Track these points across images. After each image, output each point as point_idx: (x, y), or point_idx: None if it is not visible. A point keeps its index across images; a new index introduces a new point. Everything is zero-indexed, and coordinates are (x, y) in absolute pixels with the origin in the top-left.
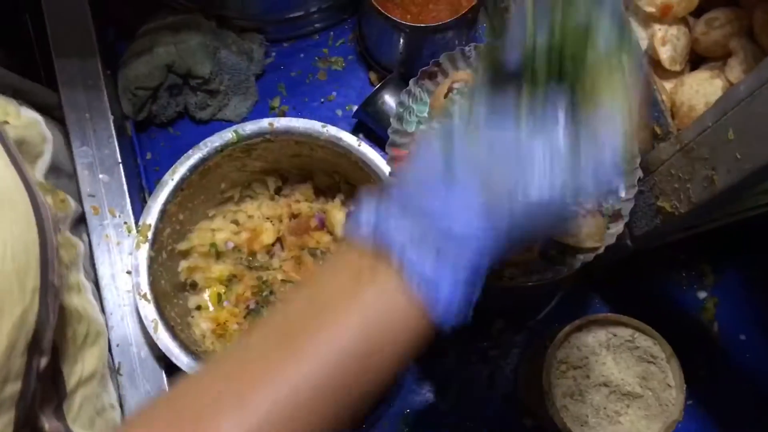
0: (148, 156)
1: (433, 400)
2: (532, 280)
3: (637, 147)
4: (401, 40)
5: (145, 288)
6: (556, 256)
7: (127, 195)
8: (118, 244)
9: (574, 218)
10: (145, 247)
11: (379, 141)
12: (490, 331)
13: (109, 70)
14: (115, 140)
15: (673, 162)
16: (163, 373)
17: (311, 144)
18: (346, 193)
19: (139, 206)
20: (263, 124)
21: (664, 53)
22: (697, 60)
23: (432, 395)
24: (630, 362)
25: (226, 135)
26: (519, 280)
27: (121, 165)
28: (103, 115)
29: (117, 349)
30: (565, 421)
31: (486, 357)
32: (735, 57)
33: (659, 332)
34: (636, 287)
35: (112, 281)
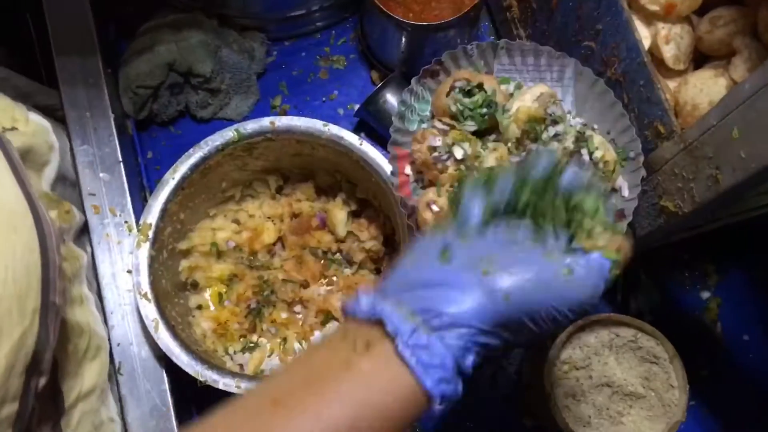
0: (149, 155)
1: None
2: None
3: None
4: (403, 39)
5: (145, 287)
6: None
7: (128, 194)
8: (119, 243)
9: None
10: (146, 246)
11: (380, 140)
12: None
13: (110, 68)
14: (116, 139)
15: (677, 161)
16: (164, 373)
17: (312, 143)
18: (348, 192)
19: (140, 205)
20: (264, 123)
21: (668, 52)
22: (701, 59)
23: None
24: (633, 362)
25: (228, 134)
26: None
27: (121, 164)
28: (103, 113)
29: (117, 349)
30: (567, 422)
31: (489, 357)
32: (739, 55)
33: (662, 332)
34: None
35: (113, 280)
